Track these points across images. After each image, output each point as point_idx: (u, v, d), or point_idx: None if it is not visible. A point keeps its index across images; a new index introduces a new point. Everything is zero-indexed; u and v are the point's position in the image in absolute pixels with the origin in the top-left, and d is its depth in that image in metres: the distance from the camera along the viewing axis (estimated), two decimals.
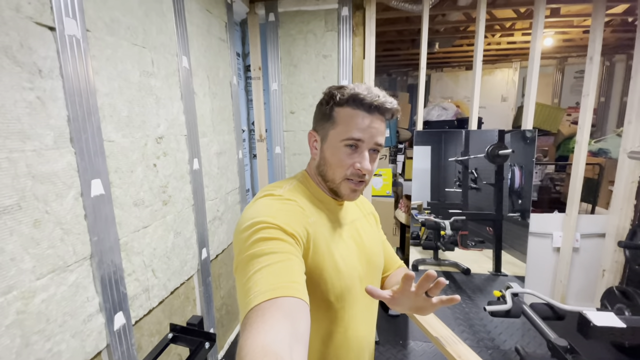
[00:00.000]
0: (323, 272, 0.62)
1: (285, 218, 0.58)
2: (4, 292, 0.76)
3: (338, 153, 0.66)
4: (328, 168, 0.68)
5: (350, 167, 0.66)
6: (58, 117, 0.88)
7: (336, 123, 0.66)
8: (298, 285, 0.50)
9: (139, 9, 1.19)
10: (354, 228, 0.75)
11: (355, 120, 0.64)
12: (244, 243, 0.55)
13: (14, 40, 0.78)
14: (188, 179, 1.50)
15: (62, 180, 0.89)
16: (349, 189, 0.68)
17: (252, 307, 0.45)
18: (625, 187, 2.09)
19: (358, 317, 0.70)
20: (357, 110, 0.64)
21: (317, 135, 0.71)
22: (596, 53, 2.01)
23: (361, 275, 0.70)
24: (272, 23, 2.21)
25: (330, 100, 0.67)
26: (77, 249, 0.94)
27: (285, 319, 0.43)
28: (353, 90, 0.64)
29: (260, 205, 0.62)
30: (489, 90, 4.37)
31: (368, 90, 0.65)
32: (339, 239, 0.69)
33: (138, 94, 1.19)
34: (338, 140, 0.66)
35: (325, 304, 0.64)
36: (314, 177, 0.73)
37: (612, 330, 1.18)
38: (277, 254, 0.52)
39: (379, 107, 0.65)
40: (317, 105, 0.72)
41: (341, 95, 0.65)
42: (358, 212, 0.81)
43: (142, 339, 1.24)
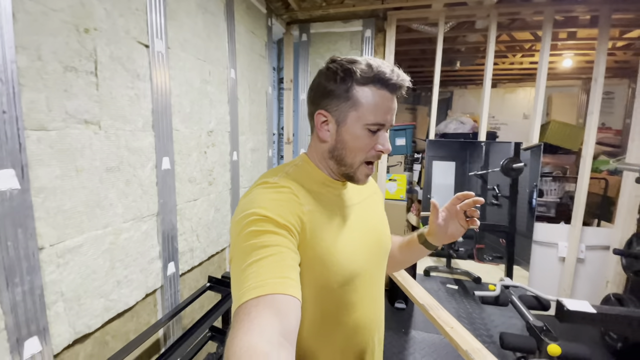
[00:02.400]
0: (324, 259, 0.60)
1: (278, 209, 0.56)
2: (104, 226, 1.09)
3: (360, 137, 0.62)
4: (348, 152, 0.64)
5: (372, 150, 0.63)
6: (146, 109, 1.23)
7: (358, 104, 0.60)
8: (289, 281, 0.49)
9: (203, 31, 1.55)
10: (360, 209, 0.72)
11: (380, 102, 0.60)
12: (237, 235, 0.54)
13: (124, 53, 1.14)
14: (228, 167, 1.84)
15: (145, 154, 1.23)
16: (364, 174, 0.66)
17: (241, 303, 0.45)
18: (628, 201, 2.18)
19: (366, 300, 0.68)
20: (382, 91, 0.60)
21: (329, 116, 0.64)
22: (600, 75, 2.16)
23: (368, 258, 0.69)
24: (305, 42, 2.56)
25: (348, 78, 0.60)
26: (150, 206, 1.27)
27: (273, 317, 0.43)
28: (377, 68, 0.59)
29: (254, 195, 0.60)
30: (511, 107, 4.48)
31: (390, 68, 0.60)
32: (342, 223, 0.66)
33: (198, 96, 1.53)
34: (361, 124, 0.61)
35: (329, 290, 0.62)
36: (319, 160, 0.69)
37: (584, 315, 1.33)
38: (269, 247, 0.51)
39: (401, 86, 0.61)
40: (321, 80, 0.64)
41: (362, 73, 0.59)
42: (364, 192, 0.78)
43: (184, 290, 1.55)
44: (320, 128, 0.66)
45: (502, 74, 4.42)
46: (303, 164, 0.70)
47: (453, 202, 0.75)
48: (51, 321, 0.93)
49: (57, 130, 0.92)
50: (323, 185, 0.68)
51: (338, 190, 0.70)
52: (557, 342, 1.32)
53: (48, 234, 0.91)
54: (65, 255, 0.97)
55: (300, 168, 0.68)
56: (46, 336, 0.91)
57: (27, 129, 0.84)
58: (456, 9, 2.31)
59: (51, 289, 0.93)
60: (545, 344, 1.30)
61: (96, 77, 1.03)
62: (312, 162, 0.70)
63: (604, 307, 1.35)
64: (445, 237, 0.78)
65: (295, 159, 0.72)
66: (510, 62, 3.95)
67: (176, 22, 1.37)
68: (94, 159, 1.04)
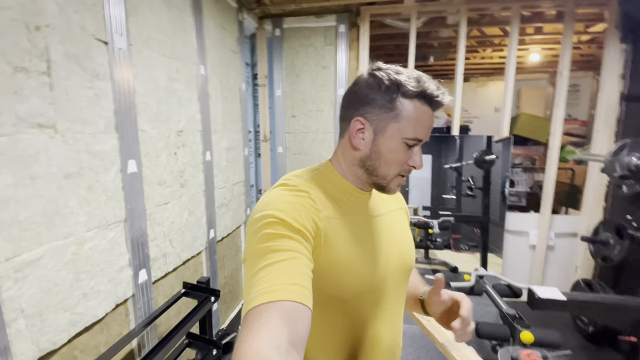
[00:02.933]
0: (336, 267, 0.59)
1: (294, 212, 0.55)
2: (65, 237, 1.03)
3: (397, 150, 0.61)
4: (382, 164, 0.62)
5: (405, 164, 0.63)
6: (108, 109, 1.16)
7: (400, 117, 0.59)
8: (300, 288, 0.48)
9: (168, 27, 1.49)
10: (384, 222, 0.70)
11: (423, 118, 0.60)
12: (253, 236, 0.54)
13: (80, 51, 1.07)
14: (201, 167, 1.78)
15: (109, 157, 1.17)
16: (397, 184, 0.65)
17: (251, 308, 0.45)
18: (594, 190, 2.29)
19: (381, 317, 0.66)
20: (425, 106, 0.60)
21: (366, 124, 0.62)
22: (565, 69, 2.24)
23: (386, 273, 0.66)
24: (278, 37, 2.51)
25: (394, 88, 0.59)
26: (116, 213, 1.21)
27: (282, 324, 0.43)
28: (424, 84, 0.58)
29: (272, 196, 0.60)
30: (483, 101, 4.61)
31: (436, 85, 0.60)
32: (361, 233, 0.64)
33: (165, 95, 1.47)
34: (401, 137, 0.60)
35: (340, 301, 0.60)
36: (346, 168, 0.67)
37: (554, 302, 1.39)
38: (282, 252, 0.50)
39: (441, 102, 0.61)
40: (362, 87, 0.63)
41: (410, 86, 0.58)
42: (389, 205, 0.75)
43: (159, 297, 1.49)
44: (354, 135, 0.63)
45: (474, 68, 4.53)
46: (326, 170, 0.68)
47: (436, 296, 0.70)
48: (12, 339, 0.87)
49: (7, 135, 0.85)
50: (345, 193, 0.66)
51: (361, 199, 0.68)
52: (530, 329, 1.37)
53: (3, 247, 0.85)
54: (24, 270, 0.90)
55: (322, 174, 0.67)
56: (8, 355, 0.85)
57: None
58: (427, 5, 2.33)
59: (10, 306, 0.87)
60: (518, 332, 1.35)
61: (49, 77, 0.96)
62: (335, 170, 0.67)
63: (573, 293, 1.42)
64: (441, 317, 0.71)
65: (319, 165, 0.70)
66: (481, 57, 4.04)
67: (138, 17, 1.30)
68: (50, 165, 0.97)
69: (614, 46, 2.11)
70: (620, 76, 2.10)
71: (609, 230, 1.97)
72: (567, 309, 1.38)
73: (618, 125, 2.13)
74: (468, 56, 4.04)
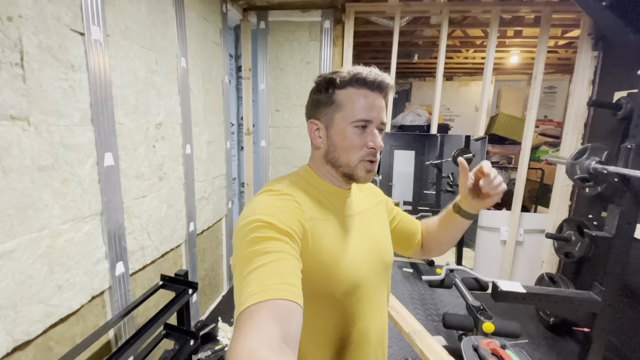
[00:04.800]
0: (326, 267, 0.61)
1: (280, 215, 0.57)
2: (39, 229, 1.03)
3: (349, 136, 0.64)
4: (340, 153, 0.66)
5: (364, 147, 0.65)
6: (83, 101, 1.15)
7: (341, 106, 0.64)
8: (290, 287, 0.49)
9: (148, 18, 1.47)
10: (363, 219, 0.73)
11: (361, 100, 0.63)
12: (241, 242, 0.55)
13: (55, 42, 1.05)
14: (181, 160, 1.78)
15: (84, 150, 1.16)
16: (365, 169, 0.67)
17: (243, 309, 0.46)
18: (561, 189, 2.41)
19: (369, 311, 0.68)
20: (360, 89, 0.64)
21: (319, 123, 0.68)
22: (539, 73, 2.33)
23: (369, 268, 0.68)
24: (263, 30, 2.49)
25: (330, 85, 0.65)
26: (92, 206, 1.21)
27: (274, 322, 0.43)
28: (354, 71, 0.64)
29: (257, 202, 0.61)
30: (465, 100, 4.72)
31: (367, 69, 0.64)
32: (344, 232, 0.67)
33: (144, 87, 1.46)
34: (347, 123, 0.64)
35: (331, 299, 0.62)
36: (318, 168, 0.71)
37: (515, 294, 1.48)
38: (271, 253, 0.51)
39: (381, 83, 0.64)
40: (311, 95, 0.71)
41: (341, 78, 0.64)
42: (367, 202, 0.78)
43: (137, 290, 1.51)
44: (313, 136, 0.69)
45: (457, 67, 4.62)
46: (305, 173, 0.71)
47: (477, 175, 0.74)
48: None
49: None
50: (326, 194, 0.69)
51: (341, 198, 0.71)
52: (492, 320, 1.46)
53: None
54: None
55: (303, 178, 0.70)
56: None
57: None
58: (411, 5, 2.37)
59: None
60: (481, 323, 1.44)
61: (22, 69, 0.95)
62: (313, 172, 0.71)
63: (533, 287, 1.51)
64: (480, 202, 0.76)
65: (298, 170, 0.73)
66: (464, 57, 4.13)
67: (116, 7, 1.29)
68: (23, 158, 0.96)
69: (586, 52, 2.20)
70: (590, 82, 2.20)
71: (571, 228, 2.09)
72: (527, 301, 1.48)
73: (586, 129, 2.25)
74: (451, 55, 4.12)
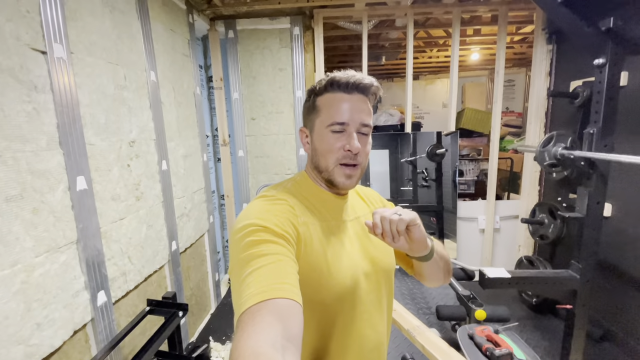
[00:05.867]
0: (317, 272, 0.61)
1: (275, 219, 0.58)
2: (11, 265, 0.94)
3: (325, 139, 0.65)
4: (320, 157, 0.67)
5: (340, 150, 0.65)
6: (50, 124, 1.08)
7: (319, 111, 0.66)
8: (289, 286, 0.49)
9: (112, 32, 1.40)
10: (358, 225, 0.72)
11: (335, 103, 0.64)
12: (237, 246, 0.55)
13: (15, 62, 0.98)
14: (158, 178, 1.70)
15: (54, 176, 1.09)
16: (344, 175, 0.66)
17: (244, 310, 0.46)
18: (530, 176, 2.55)
19: (364, 317, 0.67)
20: (335, 93, 0.65)
21: (306, 130, 0.71)
22: (501, 68, 2.46)
23: (365, 275, 0.67)
24: (232, 39, 2.46)
25: (312, 94, 0.69)
26: (66, 234, 1.13)
27: (276, 321, 0.43)
28: (331, 76, 0.65)
29: (252, 207, 0.62)
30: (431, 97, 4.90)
31: (343, 73, 0.65)
32: (338, 237, 0.66)
33: (113, 104, 1.39)
34: (323, 127, 0.65)
35: (322, 304, 0.62)
36: (311, 174, 0.72)
37: (501, 280, 1.55)
38: (268, 255, 0.52)
39: (357, 85, 0.64)
40: (303, 105, 0.74)
41: (319, 85, 0.67)
42: (365, 208, 0.77)
43: (121, 318, 1.42)
44: (304, 143, 0.73)
45: (422, 67, 4.79)
46: (301, 179, 0.73)
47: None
48: None
49: None
50: (320, 199, 0.69)
51: (336, 204, 0.71)
52: (482, 307, 1.51)
53: None
54: None
55: (298, 184, 0.71)
56: None
57: None
58: (377, 9, 2.43)
59: None
60: (473, 311, 1.48)
61: None
62: (308, 178, 0.72)
63: (517, 271, 1.58)
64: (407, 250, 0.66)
65: (295, 176, 0.75)
66: (428, 56, 4.29)
67: (78, 23, 1.22)
68: None
69: (542, 47, 2.36)
70: (547, 74, 2.36)
71: (544, 212, 2.21)
72: (513, 285, 1.54)
73: (547, 118, 2.40)
74: (417, 55, 4.26)
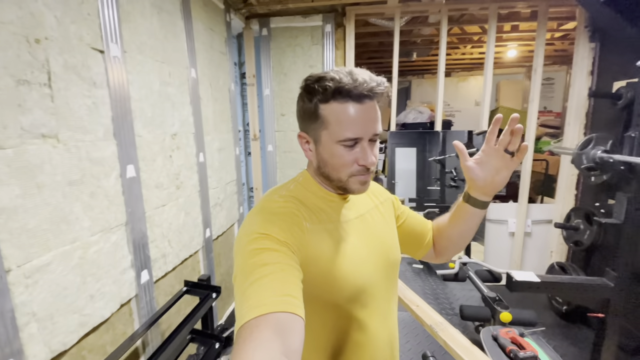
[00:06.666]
0: (327, 274, 0.59)
1: (278, 226, 0.56)
2: (71, 242, 1.07)
3: (337, 154, 0.60)
4: (331, 170, 0.63)
5: (354, 164, 0.61)
6: (106, 117, 1.20)
7: (326, 123, 0.59)
8: (290, 299, 0.48)
9: (160, 32, 1.51)
10: (364, 222, 0.70)
11: (346, 116, 0.58)
12: (240, 254, 0.55)
13: (78, 61, 1.09)
14: (195, 169, 1.82)
15: (109, 164, 1.20)
16: (358, 183, 0.63)
17: (243, 324, 0.45)
18: (566, 179, 2.45)
19: (377, 315, 0.66)
20: (346, 103, 0.57)
21: (307, 137, 0.65)
22: (539, 66, 2.37)
23: (374, 272, 0.67)
24: (265, 37, 2.54)
25: (313, 97, 0.59)
26: (117, 217, 1.25)
27: (275, 336, 0.42)
28: (336, 82, 0.56)
29: (257, 213, 0.61)
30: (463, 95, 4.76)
31: (351, 77, 0.57)
32: (345, 237, 0.65)
33: (158, 99, 1.50)
34: (333, 142, 0.60)
35: (335, 306, 0.61)
36: (315, 177, 0.68)
37: (529, 284, 1.52)
38: (270, 265, 0.51)
39: (369, 93, 0.57)
40: (298, 101, 0.64)
41: (323, 90, 0.57)
42: (369, 203, 0.75)
43: (160, 297, 1.54)
44: (305, 149, 0.66)
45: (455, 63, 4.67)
46: (304, 180, 0.69)
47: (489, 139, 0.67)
48: (25, 342, 0.91)
49: (13, 147, 0.88)
50: (325, 200, 0.67)
51: (340, 203, 0.68)
52: (508, 309, 1.50)
53: (14, 255, 0.88)
54: (34, 275, 0.94)
55: (301, 185, 0.68)
56: (21, 358, 0.89)
57: None
58: (410, 5, 2.41)
59: (22, 311, 0.91)
60: (498, 312, 1.47)
61: (50, 89, 0.99)
62: (312, 178, 0.69)
63: (547, 276, 1.55)
64: (491, 185, 0.68)
65: (297, 176, 0.71)
66: (462, 53, 4.18)
67: (131, 24, 1.33)
68: (55, 174, 1.00)
69: (584, 44, 2.24)
70: (589, 73, 2.24)
71: (579, 217, 2.12)
72: (542, 290, 1.51)
73: (587, 119, 2.29)
74: (449, 52, 4.17)
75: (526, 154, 0.65)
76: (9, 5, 0.86)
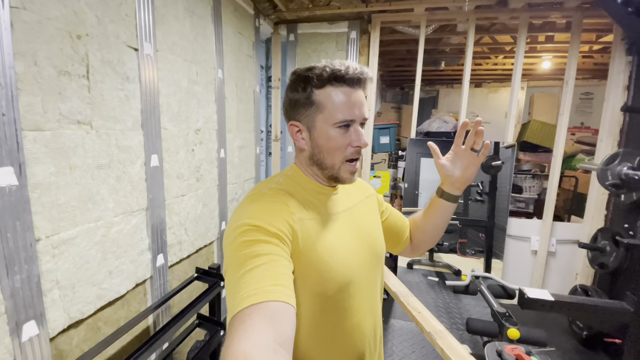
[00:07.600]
0: (317, 266, 0.61)
1: (269, 218, 0.57)
2: (96, 220, 1.17)
3: (333, 137, 0.63)
4: (326, 155, 0.65)
5: (348, 147, 0.64)
6: (136, 109, 1.30)
7: (321, 107, 0.63)
8: (282, 288, 0.49)
9: (190, 34, 1.62)
10: (352, 215, 0.73)
11: (341, 99, 0.62)
12: (230, 246, 0.55)
13: (114, 57, 1.21)
14: (216, 164, 1.91)
15: (135, 152, 1.31)
16: (348, 171, 0.67)
17: (235, 313, 0.46)
18: (596, 198, 2.32)
19: (362, 305, 0.69)
20: (340, 87, 0.62)
21: (300, 125, 0.67)
22: (571, 78, 2.28)
23: (361, 263, 0.69)
24: (292, 42, 2.63)
25: (307, 84, 0.63)
26: (139, 201, 1.35)
27: (267, 324, 0.44)
28: (330, 68, 0.61)
29: (245, 206, 0.62)
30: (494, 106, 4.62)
31: (342, 64, 0.62)
32: (334, 229, 0.67)
33: (185, 96, 1.61)
34: (329, 125, 0.63)
35: (325, 297, 0.62)
36: (305, 168, 0.71)
37: (542, 302, 1.46)
38: (261, 256, 0.52)
39: (360, 78, 0.63)
40: (287, 94, 0.68)
41: (318, 76, 0.62)
42: (357, 197, 0.79)
43: (173, 281, 1.63)
44: (296, 138, 0.68)
45: (486, 74, 4.55)
46: (292, 173, 0.71)
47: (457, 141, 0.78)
48: (47, 307, 1.01)
49: (51, 130, 0.99)
50: (313, 192, 0.69)
51: (329, 196, 0.71)
52: (517, 326, 1.45)
53: (44, 226, 0.99)
54: (60, 246, 1.04)
55: (290, 178, 0.70)
56: (43, 321, 0.99)
57: (24, 129, 0.91)
58: (437, 13, 2.41)
59: (47, 277, 1.01)
60: (506, 329, 1.43)
61: (88, 80, 1.10)
62: (301, 171, 0.71)
63: (562, 295, 1.48)
64: (461, 179, 0.79)
65: (286, 169, 0.73)
66: (493, 63, 4.08)
67: (164, 25, 1.44)
68: (86, 157, 1.11)
69: (620, 58, 2.14)
70: (624, 87, 2.13)
71: (606, 238, 2.00)
72: (555, 309, 1.45)
73: (621, 135, 2.16)
74: (480, 62, 4.08)
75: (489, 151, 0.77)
76: (55, 3, 0.98)
